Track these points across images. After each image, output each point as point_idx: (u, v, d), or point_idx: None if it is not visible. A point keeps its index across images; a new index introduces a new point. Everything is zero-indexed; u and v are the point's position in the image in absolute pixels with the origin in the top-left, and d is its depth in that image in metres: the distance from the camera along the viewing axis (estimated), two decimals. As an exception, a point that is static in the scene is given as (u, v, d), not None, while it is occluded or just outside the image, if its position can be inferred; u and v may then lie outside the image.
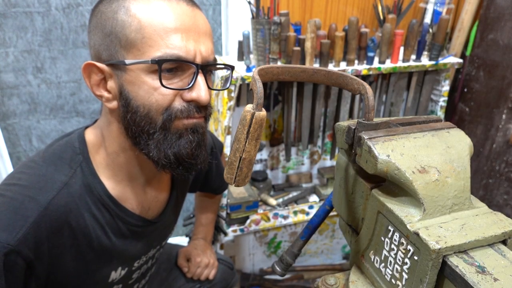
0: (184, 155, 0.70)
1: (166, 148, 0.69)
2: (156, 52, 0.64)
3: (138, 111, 0.68)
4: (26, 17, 1.42)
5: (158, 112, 0.68)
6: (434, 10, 1.62)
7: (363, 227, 0.51)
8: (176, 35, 0.65)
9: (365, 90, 0.49)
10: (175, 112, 0.68)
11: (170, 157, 0.69)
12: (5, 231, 0.61)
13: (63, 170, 0.71)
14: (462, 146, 0.48)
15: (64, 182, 0.70)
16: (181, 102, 0.69)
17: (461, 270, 0.38)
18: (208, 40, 0.70)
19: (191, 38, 0.66)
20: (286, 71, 0.56)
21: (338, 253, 2.10)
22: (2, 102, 1.52)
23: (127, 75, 0.67)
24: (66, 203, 0.69)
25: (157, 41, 0.64)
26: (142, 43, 0.64)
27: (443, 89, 1.69)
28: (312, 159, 1.89)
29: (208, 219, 1.31)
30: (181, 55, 0.65)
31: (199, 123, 0.72)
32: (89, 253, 0.75)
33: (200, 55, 0.68)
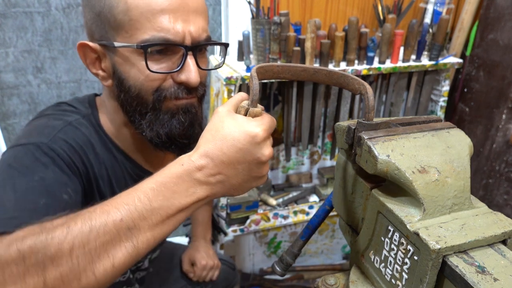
0: (176, 135, 0.71)
1: (159, 128, 0.70)
2: (143, 35, 0.64)
3: (130, 91, 0.68)
4: (26, 17, 1.42)
5: (148, 92, 0.68)
6: (434, 10, 1.62)
7: (363, 227, 0.51)
8: (163, 16, 0.63)
9: (366, 90, 0.49)
10: (165, 93, 0.68)
11: (163, 136, 0.70)
12: (38, 136, 0.66)
13: (74, 115, 0.75)
14: (462, 146, 0.48)
15: (77, 118, 0.74)
16: (171, 83, 0.69)
17: (461, 270, 0.38)
18: (199, 18, 0.68)
19: (179, 19, 0.65)
20: (287, 69, 0.56)
21: (338, 253, 2.10)
22: (2, 102, 1.52)
23: (118, 57, 0.67)
24: (86, 127, 0.73)
25: (143, 24, 0.64)
26: (129, 25, 0.64)
27: (443, 89, 1.69)
28: (312, 159, 1.89)
29: (204, 217, 1.29)
30: (169, 37, 0.64)
31: (191, 103, 0.72)
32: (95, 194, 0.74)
33: (189, 36, 0.66)
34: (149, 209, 0.47)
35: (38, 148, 0.63)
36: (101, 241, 0.45)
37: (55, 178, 0.62)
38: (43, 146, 0.64)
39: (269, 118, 0.51)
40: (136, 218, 0.46)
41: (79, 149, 0.70)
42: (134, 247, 0.46)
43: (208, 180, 0.49)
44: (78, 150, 0.69)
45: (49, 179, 0.61)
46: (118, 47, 0.65)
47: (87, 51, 0.70)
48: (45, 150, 0.64)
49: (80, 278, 0.44)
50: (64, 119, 0.71)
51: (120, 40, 0.65)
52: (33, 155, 0.63)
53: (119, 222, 0.45)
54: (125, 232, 0.46)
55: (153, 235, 0.48)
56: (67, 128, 0.70)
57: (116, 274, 0.47)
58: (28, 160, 0.62)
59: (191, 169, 0.48)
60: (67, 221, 0.46)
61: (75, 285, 0.44)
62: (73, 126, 0.71)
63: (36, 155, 0.63)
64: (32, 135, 0.66)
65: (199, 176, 0.49)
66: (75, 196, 0.64)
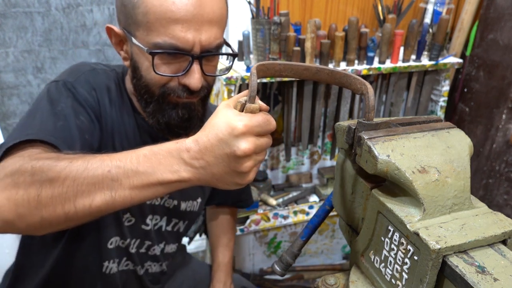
0: (173, 125, 0.79)
1: (159, 117, 0.78)
2: (156, 38, 0.70)
3: (141, 80, 0.76)
4: (26, 17, 1.42)
5: (155, 87, 0.76)
6: (434, 10, 1.62)
7: (363, 227, 0.51)
8: (176, 25, 0.69)
9: (367, 90, 0.49)
10: (170, 91, 0.76)
11: (162, 124, 0.79)
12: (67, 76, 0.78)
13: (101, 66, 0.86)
14: (462, 146, 0.48)
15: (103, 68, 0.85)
16: (176, 83, 0.75)
17: (461, 270, 0.38)
18: (213, 28, 0.72)
19: (192, 28, 0.70)
20: (289, 68, 0.55)
21: (338, 253, 2.10)
22: (2, 102, 1.52)
23: (136, 48, 0.75)
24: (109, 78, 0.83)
25: (158, 28, 0.69)
26: (146, 26, 0.70)
27: (443, 89, 1.69)
28: (312, 159, 1.89)
29: (225, 257, 1.19)
30: (178, 45, 0.70)
31: (192, 102, 0.79)
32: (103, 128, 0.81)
33: (199, 45, 0.71)
34: (134, 171, 0.54)
35: (64, 85, 0.76)
36: (88, 181, 0.53)
37: (72, 107, 0.74)
38: (68, 84, 0.77)
39: (261, 117, 0.51)
40: (121, 174, 0.53)
41: (95, 89, 0.80)
42: (112, 197, 0.54)
43: (191, 163, 0.53)
44: (94, 90, 0.80)
45: (68, 108, 0.73)
46: (133, 43, 0.73)
47: (112, 33, 0.79)
48: (69, 86, 0.76)
49: (64, 204, 0.54)
50: (91, 66, 0.83)
51: (138, 35, 0.72)
52: (59, 90, 0.76)
53: (106, 172, 0.54)
54: (108, 182, 0.54)
55: (130, 194, 0.54)
56: (90, 72, 0.81)
57: (92, 214, 0.56)
58: (56, 93, 0.75)
59: (181, 149, 0.53)
60: (73, 157, 0.56)
61: (59, 209, 0.54)
62: (96, 71, 0.82)
63: (62, 90, 0.76)
64: (64, 75, 0.80)
65: (185, 156, 0.53)
66: (87, 123, 0.76)
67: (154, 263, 1.01)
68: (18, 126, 0.70)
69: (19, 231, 0.59)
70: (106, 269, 0.90)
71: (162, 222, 0.97)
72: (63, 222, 0.56)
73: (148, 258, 0.98)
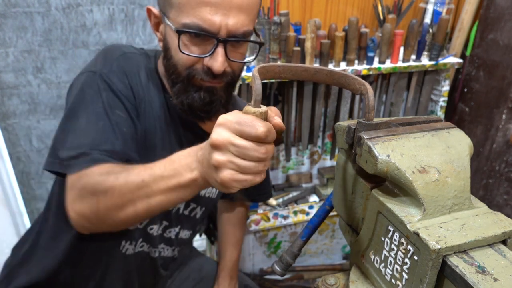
0: (195, 107, 0.82)
1: (183, 98, 0.81)
2: (185, 18, 0.73)
3: (170, 60, 0.80)
4: (26, 17, 1.42)
5: (183, 68, 0.79)
6: (434, 10, 1.62)
7: (363, 227, 0.51)
8: (205, 7, 0.71)
9: (366, 90, 0.49)
10: (194, 73, 0.78)
11: (185, 105, 0.82)
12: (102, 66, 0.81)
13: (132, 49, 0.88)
14: (462, 146, 0.48)
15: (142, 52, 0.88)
16: (202, 66, 0.78)
17: (461, 270, 0.38)
18: (241, 14, 0.74)
19: (220, 12, 0.71)
20: (288, 69, 0.56)
21: (338, 253, 2.10)
22: (2, 102, 1.52)
23: (168, 29, 0.78)
24: (140, 61, 0.85)
25: (188, 9, 0.72)
26: (178, 7, 0.73)
27: (443, 89, 1.69)
28: (312, 159, 1.89)
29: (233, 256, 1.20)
30: (204, 27, 0.72)
31: (215, 87, 0.81)
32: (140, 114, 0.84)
33: (225, 29, 0.73)
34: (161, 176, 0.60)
35: (100, 77, 0.79)
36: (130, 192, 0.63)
37: (109, 101, 0.78)
38: (104, 75, 0.79)
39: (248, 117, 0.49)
40: (151, 181, 0.61)
41: (127, 75, 0.83)
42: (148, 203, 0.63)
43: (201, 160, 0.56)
44: (126, 76, 0.82)
45: (106, 103, 0.78)
46: (166, 23, 0.77)
47: (152, 14, 0.83)
48: (105, 78, 0.79)
49: (116, 213, 0.65)
50: (122, 50, 0.85)
51: (170, 16, 0.76)
52: (96, 83, 0.79)
53: (141, 182, 0.62)
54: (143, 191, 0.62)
55: (161, 199, 0.62)
56: (121, 57, 0.84)
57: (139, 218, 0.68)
58: (94, 87, 0.79)
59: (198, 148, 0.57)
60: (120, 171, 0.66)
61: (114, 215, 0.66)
62: (126, 56, 0.84)
63: (98, 82, 0.79)
64: (98, 63, 0.82)
65: (199, 154, 0.56)
66: (125, 115, 0.80)
67: (167, 246, 1.02)
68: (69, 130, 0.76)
69: (96, 231, 0.75)
70: (123, 248, 0.91)
71: (181, 205, 0.98)
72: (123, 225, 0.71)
73: (163, 241, 0.99)
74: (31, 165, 1.70)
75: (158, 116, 0.87)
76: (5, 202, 1.63)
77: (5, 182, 1.61)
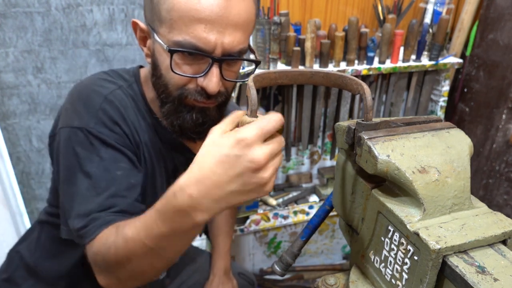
0: (187, 128, 0.77)
1: (174, 119, 0.77)
2: (178, 36, 0.68)
3: (161, 78, 0.75)
4: (26, 17, 1.42)
5: (174, 88, 0.74)
6: (434, 10, 1.62)
7: (363, 227, 0.51)
8: (199, 25, 0.66)
9: (363, 90, 0.49)
10: (187, 93, 0.74)
11: (175, 126, 0.78)
12: (83, 118, 0.75)
13: (119, 81, 0.83)
14: (462, 146, 0.48)
15: (119, 85, 0.81)
16: (195, 86, 0.73)
17: (461, 270, 0.38)
18: (238, 31, 0.70)
19: (215, 29, 0.67)
20: (284, 75, 0.56)
21: (338, 253, 2.10)
22: (2, 102, 1.52)
23: (158, 46, 0.72)
24: (122, 99, 0.79)
25: (180, 27, 0.67)
26: (169, 24, 0.68)
27: (443, 89, 1.69)
28: (312, 159, 1.89)
29: (226, 245, 1.21)
30: (199, 45, 0.67)
31: (208, 107, 0.77)
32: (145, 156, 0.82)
33: (221, 47, 0.69)
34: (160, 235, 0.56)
35: (90, 133, 0.74)
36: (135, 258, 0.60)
37: (109, 158, 0.74)
38: (93, 131, 0.74)
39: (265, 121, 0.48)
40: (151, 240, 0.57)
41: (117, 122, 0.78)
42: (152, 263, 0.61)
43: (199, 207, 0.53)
44: (116, 123, 0.78)
45: (105, 161, 0.74)
46: (155, 40, 0.71)
47: (138, 28, 0.78)
48: (95, 133, 0.74)
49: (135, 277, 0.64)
50: (102, 95, 0.78)
51: (161, 32, 0.70)
52: (88, 141, 0.74)
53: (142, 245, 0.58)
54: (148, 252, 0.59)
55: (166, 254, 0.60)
56: (105, 104, 0.77)
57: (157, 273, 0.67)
58: (86, 145, 0.74)
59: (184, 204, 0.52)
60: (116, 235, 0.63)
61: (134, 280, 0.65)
62: (109, 100, 0.78)
63: (90, 140, 0.74)
64: (80, 115, 0.76)
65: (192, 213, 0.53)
66: (128, 166, 0.76)
67: None
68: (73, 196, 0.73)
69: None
70: None
71: None
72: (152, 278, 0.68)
73: None
74: (31, 165, 1.70)
75: (153, 148, 0.84)
76: (5, 202, 1.63)
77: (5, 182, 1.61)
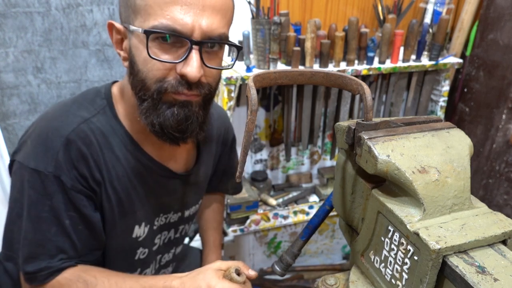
0: (168, 126, 0.71)
1: (154, 117, 0.71)
2: (154, 21, 0.64)
3: (138, 75, 0.70)
4: (26, 17, 1.42)
5: (152, 81, 0.69)
6: (434, 10, 1.62)
7: (363, 227, 0.51)
8: (175, 6, 0.64)
9: (363, 91, 0.49)
10: (167, 85, 0.68)
11: (156, 125, 0.71)
12: (40, 162, 0.71)
13: (87, 109, 0.77)
14: (462, 146, 0.48)
15: (85, 118, 0.76)
16: (175, 76, 0.68)
17: (461, 270, 0.38)
18: (216, 15, 0.67)
19: (192, 11, 0.64)
20: (284, 75, 0.56)
21: (338, 253, 2.10)
22: (2, 102, 1.52)
23: (134, 39, 0.69)
24: (85, 136, 0.74)
25: (156, 10, 0.64)
26: (144, 10, 0.65)
27: (443, 89, 1.69)
28: (312, 159, 1.89)
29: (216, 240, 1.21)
30: (176, 27, 0.64)
31: (190, 101, 0.71)
32: (112, 195, 0.78)
33: (199, 30, 0.65)
34: None
35: (46, 178, 0.71)
36: None
37: (60, 206, 0.72)
38: (50, 176, 0.71)
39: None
40: None
41: (76, 165, 0.73)
42: None
43: None
44: (76, 167, 0.73)
45: (56, 208, 0.72)
46: (132, 30, 0.68)
47: (114, 30, 0.74)
48: (52, 179, 0.71)
49: None
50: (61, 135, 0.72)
51: (136, 24, 0.67)
52: (42, 184, 0.71)
53: None
54: None
55: None
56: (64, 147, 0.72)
57: None
58: (40, 190, 0.71)
59: None
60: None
61: None
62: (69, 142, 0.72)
63: (45, 184, 0.71)
64: (39, 157, 0.72)
65: None
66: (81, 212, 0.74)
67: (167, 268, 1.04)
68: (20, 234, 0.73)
69: None
70: None
71: (170, 234, 0.98)
72: None
73: (161, 268, 1.01)
74: (31, 165, 1.69)
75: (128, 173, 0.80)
76: (5, 202, 1.63)
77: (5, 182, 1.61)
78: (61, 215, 0.72)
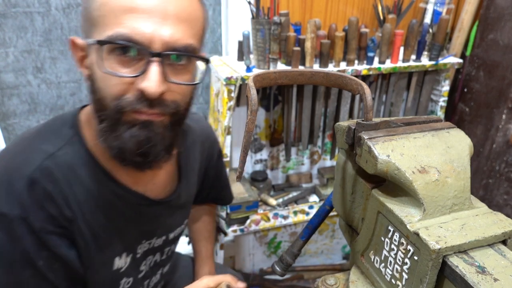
0: (128, 150, 0.64)
1: (112, 140, 0.64)
2: (109, 31, 0.58)
3: (96, 93, 0.63)
4: (26, 17, 1.42)
5: (108, 99, 0.62)
6: (434, 10, 1.62)
7: (363, 227, 0.51)
8: (132, 14, 0.58)
9: (363, 91, 0.49)
10: (124, 103, 0.61)
11: (114, 149, 0.65)
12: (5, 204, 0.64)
13: (52, 142, 0.70)
14: (462, 146, 0.48)
15: (49, 153, 0.68)
16: (134, 93, 0.61)
17: (461, 270, 0.38)
18: (180, 24, 0.61)
19: (152, 20, 0.58)
20: (284, 75, 0.56)
21: (338, 253, 2.10)
22: (2, 102, 1.52)
23: (93, 54, 0.62)
24: (51, 172, 0.67)
25: (111, 20, 0.59)
26: (101, 22, 0.60)
27: (443, 89, 1.69)
28: (312, 159, 1.89)
29: (208, 250, 1.17)
30: (132, 37, 0.58)
31: (152, 121, 0.63)
32: (86, 230, 0.72)
33: (160, 41, 0.59)
34: None
35: (12, 221, 0.64)
36: None
37: (31, 248, 0.66)
38: (16, 219, 0.64)
39: None
40: None
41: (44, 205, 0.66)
42: None
43: None
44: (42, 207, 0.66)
45: (28, 250, 0.66)
46: (89, 43, 0.62)
47: (76, 48, 0.67)
48: (18, 222, 0.65)
49: None
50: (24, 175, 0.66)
51: (94, 37, 0.61)
52: (10, 226, 0.65)
53: None
54: None
55: None
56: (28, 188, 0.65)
57: None
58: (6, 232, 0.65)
59: None
60: None
61: None
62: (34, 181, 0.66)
63: (13, 226, 0.65)
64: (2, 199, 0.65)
65: None
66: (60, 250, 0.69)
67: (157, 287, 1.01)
68: None
69: None
70: None
71: (156, 257, 0.94)
72: None
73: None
74: (31, 165, 1.69)
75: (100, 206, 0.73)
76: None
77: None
78: (34, 258, 0.66)
